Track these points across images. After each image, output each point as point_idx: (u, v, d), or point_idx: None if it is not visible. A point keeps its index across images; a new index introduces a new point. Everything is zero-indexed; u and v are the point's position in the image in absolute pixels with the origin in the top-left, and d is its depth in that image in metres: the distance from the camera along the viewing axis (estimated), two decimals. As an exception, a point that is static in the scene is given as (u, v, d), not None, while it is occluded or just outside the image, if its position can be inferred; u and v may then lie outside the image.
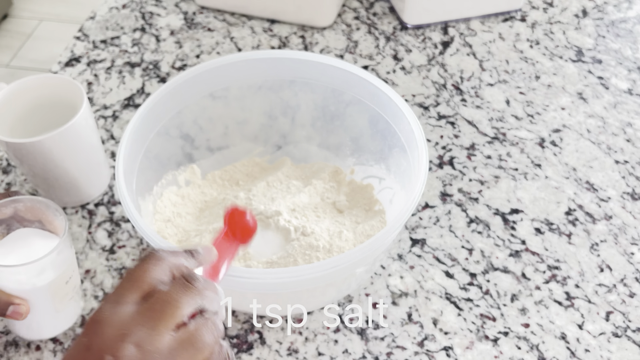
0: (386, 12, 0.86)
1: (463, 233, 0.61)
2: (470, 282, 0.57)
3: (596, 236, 0.61)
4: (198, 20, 0.85)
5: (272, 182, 0.61)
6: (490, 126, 0.71)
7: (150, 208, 0.56)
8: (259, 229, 0.56)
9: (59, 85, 0.60)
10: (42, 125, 0.62)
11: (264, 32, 0.83)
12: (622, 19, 0.85)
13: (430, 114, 0.72)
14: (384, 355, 0.53)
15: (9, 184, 0.65)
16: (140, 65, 0.78)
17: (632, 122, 0.71)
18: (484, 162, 0.67)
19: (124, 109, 0.73)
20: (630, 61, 0.79)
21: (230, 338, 0.54)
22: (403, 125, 0.54)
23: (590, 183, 0.65)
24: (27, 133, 0.61)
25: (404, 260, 0.59)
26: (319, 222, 0.57)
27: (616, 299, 0.56)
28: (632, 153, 0.68)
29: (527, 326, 0.54)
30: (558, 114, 0.72)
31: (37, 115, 0.61)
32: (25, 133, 0.61)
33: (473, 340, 0.54)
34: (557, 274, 0.58)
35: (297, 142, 0.65)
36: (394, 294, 0.57)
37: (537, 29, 0.83)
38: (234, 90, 0.60)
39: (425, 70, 0.77)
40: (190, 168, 0.62)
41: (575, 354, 0.53)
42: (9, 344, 0.54)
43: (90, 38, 0.83)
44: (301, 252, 0.53)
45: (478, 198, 0.64)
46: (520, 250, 0.60)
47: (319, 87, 0.60)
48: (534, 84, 0.76)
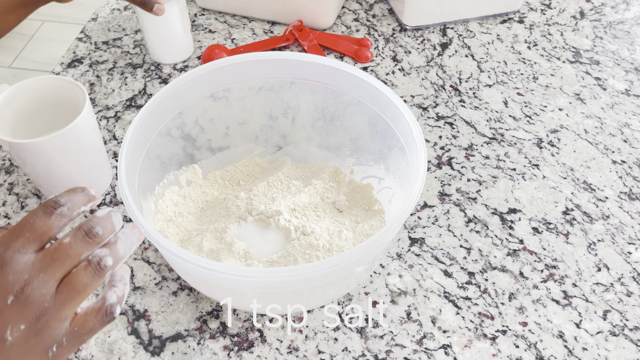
0: (385, 14, 0.86)
1: (461, 232, 0.62)
2: (469, 281, 0.58)
3: (593, 236, 0.61)
4: (199, 22, 0.85)
5: (272, 182, 0.61)
6: (489, 127, 0.71)
7: (152, 208, 0.57)
8: (260, 228, 0.57)
9: (61, 87, 0.60)
10: (45, 126, 0.63)
11: (264, 34, 0.83)
12: (620, 20, 0.85)
13: (429, 114, 0.73)
14: (383, 353, 0.53)
15: (12, 183, 0.66)
16: (142, 66, 0.79)
17: (629, 122, 0.72)
18: (482, 163, 0.68)
19: (125, 109, 0.74)
20: (627, 62, 0.79)
21: (231, 336, 0.54)
22: (402, 125, 0.55)
23: (587, 183, 0.66)
24: (30, 133, 0.62)
25: (403, 259, 0.60)
26: (319, 221, 0.57)
27: (613, 297, 0.57)
28: (630, 153, 0.69)
29: (525, 325, 0.55)
30: (556, 114, 0.73)
31: (39, 116, 0.62)
32: (27, 133, 0.62)
33: (471, 339, 0.54)
34: (555, 273, 0.58)
35: (297, 143, 0.65)
36: (393, 292, 0.57)
37: (535, 31, 0.84)
38: (235, 91, 0.61)
39: (424, 71, 0.78)
40: (192, 168, 0.62)
41: (573, 352, 0.53)
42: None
43: (92, 39, 0.83)
44: (301, 251, 0.53)
45: (476, 198, 0.64)
46: (518, 249, 0.60)
47: (319, 88, 0.60)
48: (531, 84, 0.76)
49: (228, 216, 0.57)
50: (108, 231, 0.36)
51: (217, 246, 0.55)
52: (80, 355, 0.53)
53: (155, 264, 0.59)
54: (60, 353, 0.35)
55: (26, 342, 0.33)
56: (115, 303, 0.36)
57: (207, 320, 0.55)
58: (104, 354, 0.53)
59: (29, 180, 0.66)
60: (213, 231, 0.56)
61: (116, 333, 0.54)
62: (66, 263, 0.34)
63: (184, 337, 0.54)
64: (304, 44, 0.80)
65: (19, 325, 0.33)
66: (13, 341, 0.33)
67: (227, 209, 0.58)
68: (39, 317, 0.33)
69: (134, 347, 0.53)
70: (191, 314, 0.56)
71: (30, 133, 0.62)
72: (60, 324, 0.34)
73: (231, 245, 0.54)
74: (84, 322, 0.35)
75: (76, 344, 0.35)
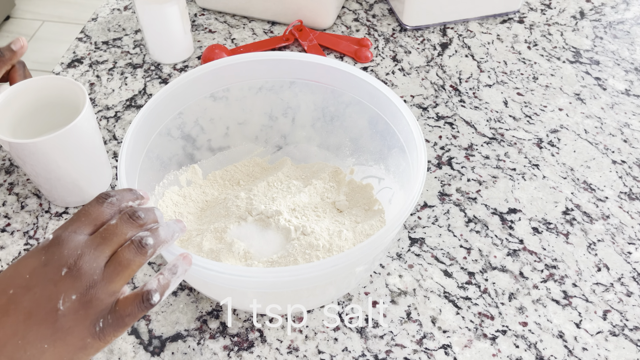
0: (385, 14, 0.86)
1: (461, 232, 0.62)
2: (469, 281, 0.58)
3: (593, 236, 0.61)
4: (199, 22, 0.85)
5: (272, 182, 0.61)
6: (489, 127, 0.71)
7: (152, 208, 0.57)
8: (260, 228, 0.57)
9: (62, 87, 0.60)
10: (45, 126, 0.63)
11: (264, 34, 0.83)
12: (620, 20, 0.85)
13: (429, 114, 0.73)
14: (383, 353, 0.53)
15: (12, 183, 0.66)
16: (142, 66, 0.79)
17: (629, 122, 0.72)
18: (482, 162, 0.68)
19: (125, 109, 0.74)
20: (627, 62, 0.79)
21: (231, 336, 0.54)
22: (402, 125, 0.55)
23: (587, 183, 0.66)
24: (30, 133, 0.62)
25: (403, 259, 0.60)
26: (319, 221, 0.57)
27: (613, 297, 0.57)
28: (630, 153, 0.69)
29: (525, 325, 0.55)
30: (556, 114, 0.73)
31: (39, 116, 0.62)
32: (27, 133, 0.62)
33: (471, 339, 0.54)
34: (555, 273, 0.58)
35: (297, 143, 0.65)
36: (393, 292, 0.57)
37: (535, 31, 0.84)
38: (235, 91, 0.61)
39: (424, 71, 0.78)
40: (192, 168, 0.62)
41: (573, 352, 0.53)
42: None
43: (92, 39, 0.83)
44: (301, 251, 0.53)
45: (476, 198, 0.64)
46: (518, 249, 0.60)
47: (319, 88, 0.60)
48: (531, 84, 0.76)
49: (228, 216, 0.57)
50: (150, 219, 0.41)
51: (217, 246, 0.55)
52: (80, 355, 0.53)
53: (155, 264, 0.59)
54: (106, 330, 0.38)
55: (76, 312, 0.37)
56: (154, 290, 0.39)
57: (207, 320, 0.55)
58: (104, 354, 0.53)
59: (29, 180, 0.66)
60: (213, 231, 0.56)
61: (116, 333, 0.54)
62: (114, 241, 0.39)
63: (184, 337, 0.54)
64: (304, 44, 0.80)
65: (71, 295, 0.37)
66: (65, 311, 0.36)
67: (227, 209, 0.58)
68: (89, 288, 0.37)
69: (134, 347, 0.53)
70: (191, 314, 0.56)
71: (31, 133, 0.62)
72: (107, 298, 0.38)
73: (231, 245, 0.54)
74: (125, 305, 0.38)
75: (119, 325, 0.38)
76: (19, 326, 0.36)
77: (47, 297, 0.36)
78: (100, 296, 0.37)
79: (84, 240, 0.38)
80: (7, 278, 0.37)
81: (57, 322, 0.36)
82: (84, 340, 0.37)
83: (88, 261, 0.37)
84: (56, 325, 0.36)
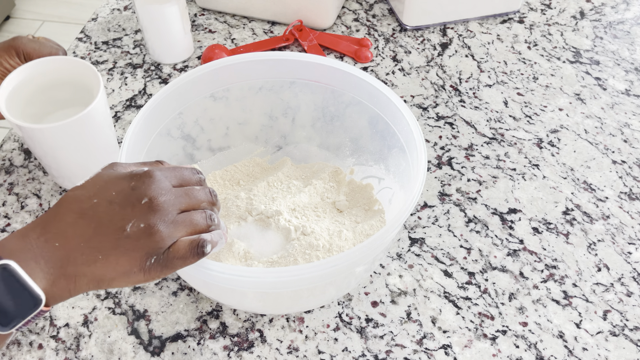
0: (385, 14, 0.86)
1: (461, 232, 0.62)
2: (469, 281, 0.58)
3: (593, 236, 0.61)
4: (199, 22, 0.85)
5: (272, 182, 0.61)
6: (489, 127, 0.71)
7: (152, 208, 0.57)
8: (260, 228, 0.57)
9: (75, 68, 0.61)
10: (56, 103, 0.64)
11: (264, 34, 0.83)
12: (620, 20, 0.85)
13: (429, 114, 0.73)
14: (383, 353, 0.53)
15: (12, 183, 0.66)
16: (142, 66, 0.79)
17: (629, 122, 0.72)
18: (482, 163, 0.68)
19: (126, 109, 0.74)
20: (627, 62, 0.79)
21: (231, 336, 0.54)
22: (402, 125, 0.55)
23: (587, 183, 0.66)
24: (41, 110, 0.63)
25: (403, 259, 0.60)
26: (319, 221, 0.57)
27: (613, 298, 0.57)
28: (630, 153, 0.69)
29: (525, 325, 0.55)
30: (556, 114, 0.73)
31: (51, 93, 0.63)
32: (39, 110, 0.63)
33: (471, 339, 0.54)
34: (555, 273, 0.58)
35: (297, 143, 0.65)
36: (393, 292, 0.57)
37: (535, 31, 0.84)
38: (235, 91, 0.61)
39: (424, 71, 0.78)
40: (192, 168, 0.62)
41: (573, 352, 0.53)
42: (11, 343, 0.54)
43: (92, 39, 0.83)
44: (301, 251, 0.53)
45: (476, 198, 0.64)
46: (518, 249, 0.60)
47: (319, 88, 0.60)
48: (532, 85, 0.76)
49: (228, 216, 0.57)
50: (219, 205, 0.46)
51: (217, 246, 0.55)
52: (80, 355, 0.53)
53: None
54: (153, 267, 0.41)
55: (137, 239, 0.40)
56: (208, 240, 0.42)
57: (207, 320, 0.55)
58: (104, 354, 0.53)
59: (29, 180, 0.66)
60: (213, 231, 0.56)
61: (116, 333, 0.54)
62: (192, 201, 0.43)
63: (184, 337, 0.54)
64: (304, 44, 0.80)
65: (140, 223, 0.40)
66: (129, 233, 0.40)
67: (227, 209, 0.58)
68: (156, 223, 0.41)
69: (134, 347, 0.53)
70: (191, 314, 0.56)
71: (42, 110, 0.63)
72: (167, 239, 0.41)
73: (231, 245, 0.54)
74: (178, 248, 0.41)
75: (167, 267, 0.41)
76: (87, 231, 0.40)
77: (121, 216, 0.40)
78: (162, 235, 0.41)
79: (170, 187, 0.43)
80: (96, 188, 0.42)
81: (118, 241, 0.40)
82: (132, 268, 0.40)
83: (167, 202, 0.42)
84: (117, 243, 0.40)
